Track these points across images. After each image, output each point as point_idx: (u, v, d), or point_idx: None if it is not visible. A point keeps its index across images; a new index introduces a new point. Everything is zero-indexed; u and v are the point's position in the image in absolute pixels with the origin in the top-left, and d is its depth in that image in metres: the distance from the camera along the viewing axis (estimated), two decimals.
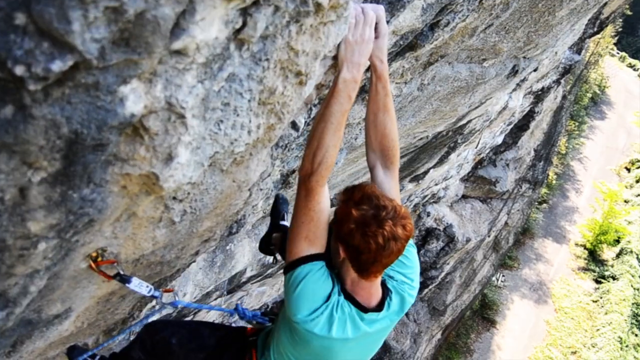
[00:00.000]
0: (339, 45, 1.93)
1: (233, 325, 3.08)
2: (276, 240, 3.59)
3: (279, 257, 3.53)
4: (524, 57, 5.68)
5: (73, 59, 1.14)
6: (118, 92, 1.30)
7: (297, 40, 1.65)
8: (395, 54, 3.06)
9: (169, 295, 2.74)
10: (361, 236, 2.10)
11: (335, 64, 2.04)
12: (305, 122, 2.60)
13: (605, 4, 9.53)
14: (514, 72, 5.62)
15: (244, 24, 1.44)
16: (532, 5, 4.24)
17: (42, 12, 1.05)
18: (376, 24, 2.07)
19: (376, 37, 2.11)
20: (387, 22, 2.22)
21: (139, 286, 2.24)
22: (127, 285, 2.15)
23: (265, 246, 3.70)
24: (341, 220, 2.17)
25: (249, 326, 3.10)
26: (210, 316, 6.96)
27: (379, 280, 2.33)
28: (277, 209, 3.77)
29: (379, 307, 2.36)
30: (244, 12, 1.42)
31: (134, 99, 1.35)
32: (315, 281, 2.23)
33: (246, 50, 1.53)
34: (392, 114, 2.41)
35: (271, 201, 4.46)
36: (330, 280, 2.28)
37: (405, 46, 2.99)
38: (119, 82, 1.28)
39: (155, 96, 1.39)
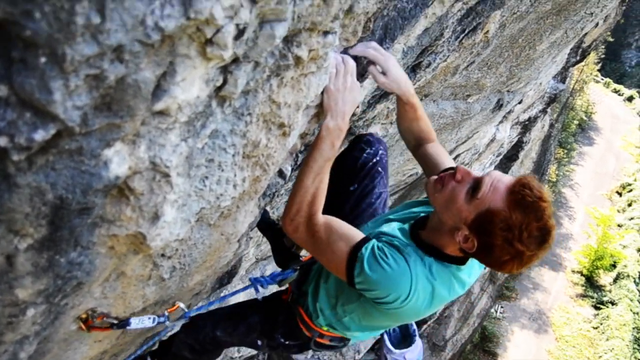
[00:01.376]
0: (322, 93, 1.96)
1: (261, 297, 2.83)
2: (290, 242, 3.17)
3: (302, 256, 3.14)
4: (508, 91, 5.76)
5: (55, 128, 1.15)
6: (102, 156, 1.31)
7: (279, 93, 1.68)
8: (379, 97, 3.10)
9: (176, 311, 2.55)
10: (518, 244, 1.96)
11: (320, 112, 2.06)
12: (292, 168, 2.61)
13: (586, 34, 9.70)
14: (499, 106, 5.70)
15: (225, 81, 1.47)
16: (512, 41, 4.32)
17: (24, 84, 1.07)
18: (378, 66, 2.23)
19: (384, 73, 2.25)
20: (367, 69, 2.26)
21: (141, 322, 2.14)
22: (127, 328, 2.08)
23: (284, 258, 3.19)
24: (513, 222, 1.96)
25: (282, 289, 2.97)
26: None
27: None
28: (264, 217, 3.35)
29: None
30: (224, 70, 1.44)
31: (118, 161, 1.36)
32: (387, 260, 2.08)
33: (228, 107, 1.55)
34: (424, 119, 2.59)
35: (263, 247, 4.45)
36: (400, 248, 2.15)
37: None
38: (102, 146, 1.30)
39: (139, 157, 1.40)
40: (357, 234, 2.17)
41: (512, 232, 1.94)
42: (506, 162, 16.22)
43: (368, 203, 2.78)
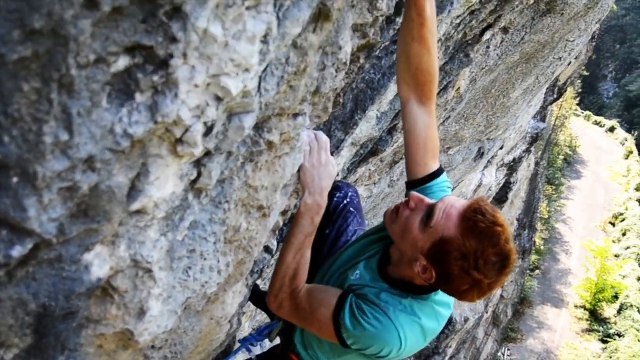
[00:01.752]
0: (298, 171, 1.99)
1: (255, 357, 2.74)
2: None
3: None
4: (488, 139, 5.84)
5: (33, 242, 1.17)
6: (82, 261, 1.32)
7: (255, 177, 1.70)
8: (359, 162, 3.14)
9: None
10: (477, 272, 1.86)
11: (299, 187, 2.09)
12: (278, 241, 2.62)
13: (557, 79, 9.94)
14: (481, 154, 5.77)
15: (200, 174, 1.49)
16: (485, 92, 4.42)
17: None
18: None
19: None
20: (342, 140, 2.30)
21: None
22: None
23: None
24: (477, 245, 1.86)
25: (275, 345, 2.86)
26: None
27: None
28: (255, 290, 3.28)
29: None
30: (198, 164, 1.47)
31: (99, 263, 1.37)
32: (369, 320, 2.02)
33: (205, 197, 1.57)
34: (429, 47, 2.07)
35: (259, 317, 4.41)
36: (376, 302, 2.07)
37: (368, 153, 3.08)
38: (82, 251, 1.31)
39: (120, 257, 1.42)
40: (333, 296, 2.13)
41: (468, 260, 1.86)
42: (496, 204, 16.28)
43: (344, 241, 2.78)
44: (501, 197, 16.14)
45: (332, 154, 2.30)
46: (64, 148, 1.10)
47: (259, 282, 3.45)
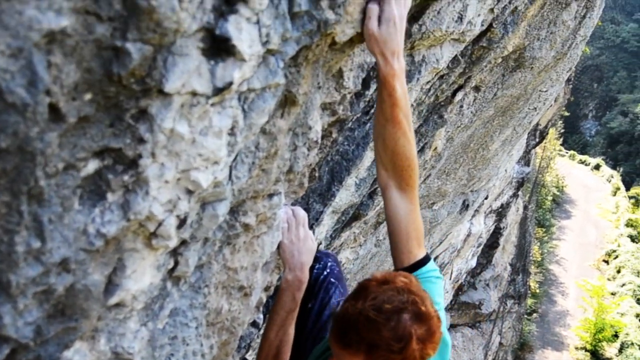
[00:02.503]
0: (277, 248, 2.00)
1: None
2: None
3: None
4: (472, 191, 5.89)
5: (9, 347, 1.17)
6: (62, 358, 1.32)
7: (233, 259, 1.72)
8: (342, 227, 3.16)
9: None
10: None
11: (279, 262, 2.10)
12: (264, 314, 2.61)
13: (537, 124, 10.10)
14: (465, 206, 5.80)
15: (177, 263, 1.50)
16: (464, 147, 4.48)
17: None
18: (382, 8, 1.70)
19: (379, 25, 1.71)
20: (321, 211, 2.32)
21: None
22: None
23: None
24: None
25: None
26: None
27: None
28: None
29: None
30: (174, 252, 1.48)
31: (79, 359, 1.36)
32: None
33: (184, 284, 1.58)
34: (403, 128, 1.92)
35: None
36: None
37: (350, 218, 3.10)
38: (60, 349, 1.30)
39: (100, 350, 1.41)
40: None
41: None
42: (488, 250, 16.28)
43: (328, 315, 2.76)
44: (492, 243, 16.16)
45: (311, 227, 2.32)
46: (36, 254, 1.11)
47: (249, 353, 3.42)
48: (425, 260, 2.06)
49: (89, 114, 1.08)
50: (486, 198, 8.13)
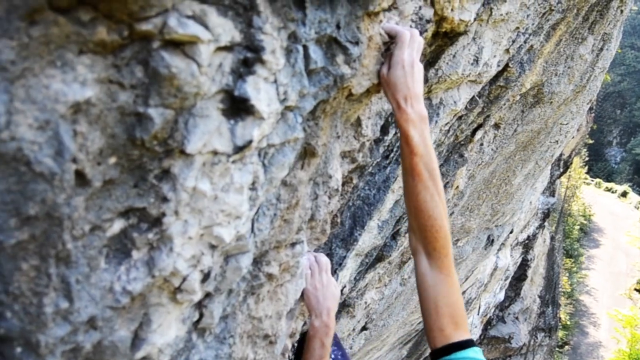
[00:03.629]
0: (301, 296, 2.01)
1: None
2: None
3: None
4: (496, 226, 5.84)
5: None
6: None
7: (257, 308, 1.72)
8: (366, 270, 3.15)
9: None
10: None
11: (304, 308, 2.10)
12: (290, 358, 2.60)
13: (561, 154, 10.02)
14: (490, 241, 5.75)
15: (202, 315, 1.51)
16: (486, 183, 4.46)
17: None
18: (390, 45, 1.67)
19: (389, 68, 1.68)
20: (344, 256, 2.32)
21: None
22: None
23: None
24: None
25: None
26: None
27: None
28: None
29: None
30: (199, 305, 1.49)
31: None
32: None
33: (209, 335, 1.59)
34: (424, 181, 1.72)
35: None
36: None
37: (373, 260, 3.09)
38: None
39: None
40: None
41: None
42: (516, 283, 16.04)
43: None
44: (520, 276, 15.93)
45: (335, 272, 2.33)
46: (64, 314, 1.14)
47: None
48: (464, 345, 1.71)
49: (114, 177, 1.11)
50: (511, 232, 8.05)
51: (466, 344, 1.71)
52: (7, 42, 0.85)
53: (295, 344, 2.67)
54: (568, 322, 32.10)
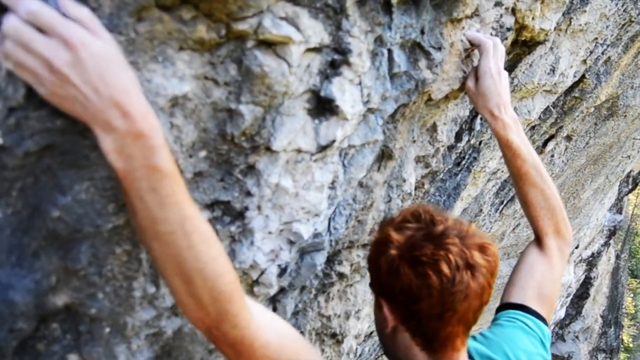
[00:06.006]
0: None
1: None
2: None
3: None
4: None
5: None
6: None
7: (327, 307, 1.74)
8: None
9: None
10: (410, 268, 1.18)
11: (370, 310, 2.11)
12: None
13: (630, 170, 9.69)
14: None
15: (275, 310, 1.54)
16: None
17: (91, 352, 1.16)
18: (470, 52, 1.65)
19: (476, 81, 1.66)
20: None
21: None
22: None
23: None
24: (376, 258, 1.25)
25: None
26: None
27: (461, 356, 1.31)
28: None
29: None
30: (273, 299, 1.52)
31: None
32: None
33: None
34: (531, 178, 1.68)
35: None
36: None
37: None
38: None
39: None
40: None
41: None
42: (577, 301, 15.57)
43: None
44: (582, 294, 15.44)
45: None
46: (151, 299, 1.18)
47: None
48: (529, 310, 1.61)
49: (203, 169, 1.15)
50: (576, 247, 7.83)
51: (539, 318, 1.62)
52: (116, 36, 0.89)
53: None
54: (631, 345, 30.90)
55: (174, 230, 0.93)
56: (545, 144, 3.36)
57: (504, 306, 1.65)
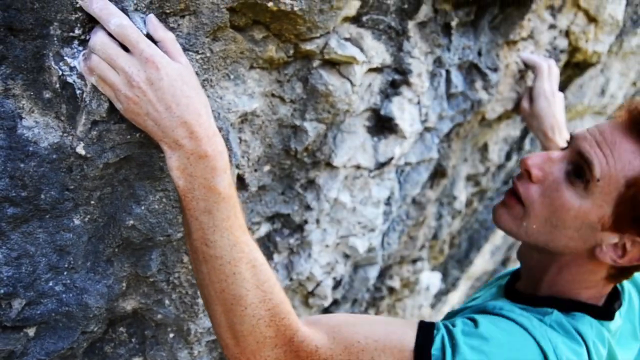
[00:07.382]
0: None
1: None
2: None
3: None
4: None
5: None
6: None
7: None
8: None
9: None
10: None
11: None
12: None
13: None
14: None
15: None
16: None
17: (155, 356, 1.18)
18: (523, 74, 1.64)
19: (531, 103, 1.63)
20: (458, 277, 2.30)
21: None
22: None
23: None
24: None
25: None
26: None
27: None
28: None
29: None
30: (326, 311, 1.53)
31: None
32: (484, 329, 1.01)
33: None
34: None
35: None
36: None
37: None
38: None
39: None
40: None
41: None
42: None
43: None
44: None
45: (447, 292, 2.31)
46: None
47: None
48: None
49: (267, 183, 1.17)
50: None
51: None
52: (192, 55, 0.92)
53: None
54: None
55: (222, 255, 0.91)
56: None
57: None
